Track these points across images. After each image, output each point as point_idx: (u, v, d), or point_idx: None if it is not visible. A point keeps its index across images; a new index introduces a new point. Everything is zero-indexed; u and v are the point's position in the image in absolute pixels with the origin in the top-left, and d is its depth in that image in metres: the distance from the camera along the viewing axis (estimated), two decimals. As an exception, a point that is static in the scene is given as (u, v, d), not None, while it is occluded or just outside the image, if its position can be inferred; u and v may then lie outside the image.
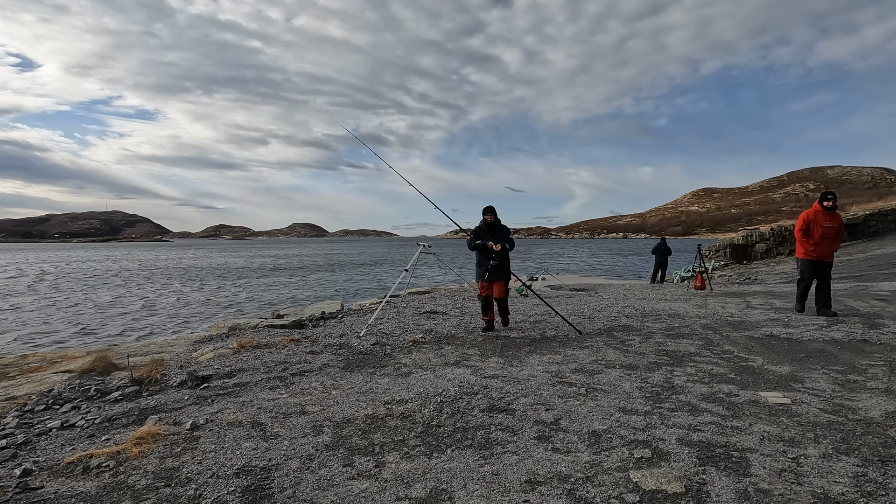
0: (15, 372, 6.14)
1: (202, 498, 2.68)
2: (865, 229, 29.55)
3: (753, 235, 30.44)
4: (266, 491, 2.75)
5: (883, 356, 5.58)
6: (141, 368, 5.35)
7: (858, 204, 35.85)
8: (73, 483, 2.89)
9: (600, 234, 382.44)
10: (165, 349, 7.21)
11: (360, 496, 2.69)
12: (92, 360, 5.89)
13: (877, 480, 2.77)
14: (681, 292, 13.47)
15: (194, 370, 5.21)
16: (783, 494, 2.63)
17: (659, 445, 3.26)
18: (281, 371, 5.35)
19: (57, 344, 14.05)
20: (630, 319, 8.54)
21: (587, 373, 5.10)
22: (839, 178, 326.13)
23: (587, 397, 4.29)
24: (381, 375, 5.13)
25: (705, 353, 5.94)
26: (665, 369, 5.19)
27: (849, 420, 3.68)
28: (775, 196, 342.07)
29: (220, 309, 21.40)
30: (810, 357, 5.63)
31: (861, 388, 4.46)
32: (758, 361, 5.47)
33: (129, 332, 16.11)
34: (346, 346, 6.59)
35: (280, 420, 3.83)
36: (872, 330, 7.04)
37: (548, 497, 2.65)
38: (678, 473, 2.87)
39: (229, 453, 3.23)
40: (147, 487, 2.81)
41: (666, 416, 3.79)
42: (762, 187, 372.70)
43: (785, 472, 2.87)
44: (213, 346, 6.87)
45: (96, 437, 3.61)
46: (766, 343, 6.43)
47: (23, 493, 2.77)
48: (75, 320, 18.16)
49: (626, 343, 6.58)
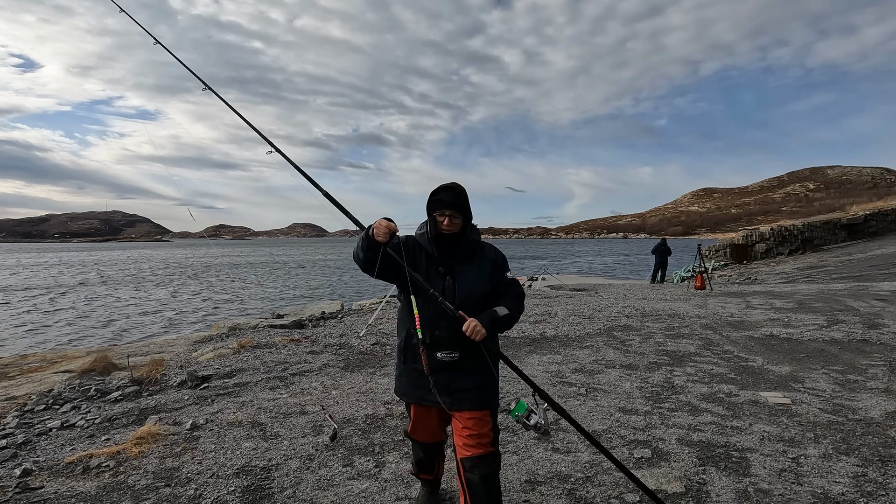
0: (15, 372, 6.14)
1: (202, 498, 2.68)
2: (865, 229, 29.56)
3: (753, 235, 30.44)
4: (266, 491, 2.75)
5: (883, 356, 5.58)
6: (141, 368, 5.35)
7: (858, 204, 35.84)
8: (73, 483, 2.89)
9: (600, 234, 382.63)
10: (165, 349, 7.21)
11: (361, 496, 2.69)
12: (92, 360, 5.89)
13: (877, 480, 2.77)
14: (681, 292, 13.47)
15: (194, 370, 5.21)
16: (783, 494, 2.63)
17: (659, 445, 3.26)
18: (281, 371, 5.35)
19: (148, 337, 13.99)
20: (630, 319, 8.54)
21: (587, 373, 5.10)
22: (839, 178, 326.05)
23: (587, 397, 4.29)
24: (381, 375, 5.13)
25: (705, 353, 5.94)
26: (665, 369, 5.19)
27: (849, 420, 3.68)
28: (775, 196, 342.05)
29: (231, 307, 21.40)
30: (810, 357, 5.63)
31: (861, 388, 4.46)
32: (758, 361, 5.47)
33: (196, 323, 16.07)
34: (346, 346, 6.59)
35: (280, 420, 3.83)
36: (872, 330, 7.04)
37: (548, 497, 2.65)
38: (678, 473, 2.87)
39: (229, 453, 3.23)
40: (147, 487, 2.81)
41: (666, 416, 3.79)
42: (762, 187, 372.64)
43: (785, 472, 2.87)
44: (213, 346, 6.87)
45: (96, 437, 3.61)
46: (766, 343, 6.43)
47: (23, 493, 2.77)
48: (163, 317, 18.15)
49: (626, 343, 6.58)
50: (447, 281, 2.12)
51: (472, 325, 1.98)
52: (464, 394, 2.10)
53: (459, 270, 2.16)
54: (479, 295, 2.14)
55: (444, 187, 2.12)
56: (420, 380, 2.10)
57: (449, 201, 2.08)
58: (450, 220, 2.08)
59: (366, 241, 2.03)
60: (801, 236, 28.68)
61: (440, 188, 2.13)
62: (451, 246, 2.15)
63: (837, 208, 40.36)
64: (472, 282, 2.15)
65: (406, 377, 2.21)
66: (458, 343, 2.06)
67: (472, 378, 2.12)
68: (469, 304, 2.09)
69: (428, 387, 2.04)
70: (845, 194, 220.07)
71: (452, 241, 2.14)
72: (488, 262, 2.21)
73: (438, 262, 2.15)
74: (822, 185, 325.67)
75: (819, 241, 28.54)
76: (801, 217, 45.95)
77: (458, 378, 2.11)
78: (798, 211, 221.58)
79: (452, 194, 2.09)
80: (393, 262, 2.07)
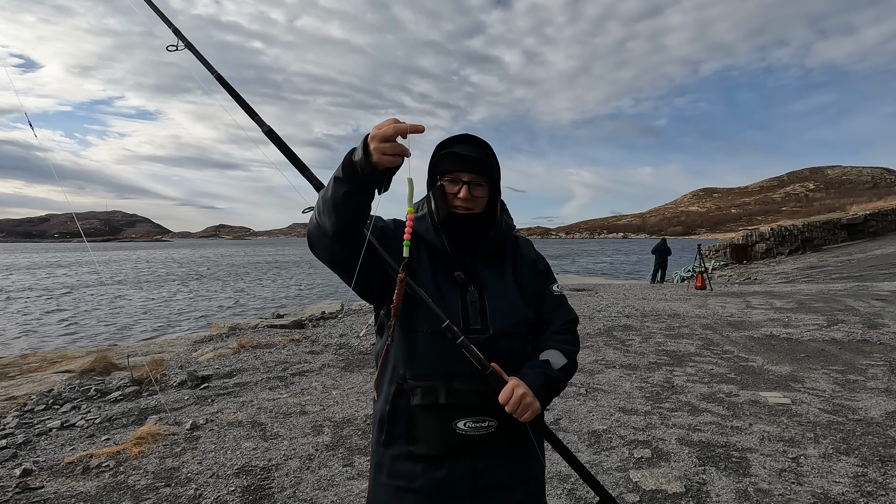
0: (15, 372, 6.14)
1: (202, 498, 2.68)
2: (865, 229, 29.57)
3: (753, 235, 30.44)
4: (266, 491, 2.75)
5: (883, 356, 5.58)
6: (141, 368, 5.35)
7: (858, 204, 35.85)
8: (73, 483, 2.89)
9: (600, 233, 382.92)
10: (165, 349, 7.22)
11: (361, 496, 2.69)
12: (92, 360, 5.89)
13: (877, 480, 2.77)
14: (681, 292, 13.47)
15: (194, 370, 5.21)
16: (783, 494, 2.63)
17: (659, 445, 3.26)
18: (281, 371, 5.35)
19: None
20: (630, 319, 8.54)
21: (587, 373, 5.10)
22: (839, 178, 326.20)
23: (587, 397, 4.29)
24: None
25: (705, 353, 5.94)
26: (665, 369, 5.19)
27: (849, 420, 3.68)
28: (775, 196, 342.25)
29: (238, 308, 21.41)
30: (810, 357, 5.63)
31: (861, 388, 4.46)
32: (758, 361, 5.47)
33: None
34: (346, 346, 6.60)
35: (280, 420, 3.83)
36: (872, 330, 7.04)
37: (548, 497, 2.65)
38: (678, 473, 2.87)
39: (229, 453, 3.23)
40: (147, 487, 2.81)
41: (666, 416, 3.79)
42: (762, 187, 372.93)
43: (785, 472, 2.87)
44: (213, 346, 6.87)
45: (96, 437, 3.61)
46: (766, 343, 6.43)
47: (23, 492, 2.77)
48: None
49: (626, 343, 6.58)
50: (470, 295, 1.23)
51: (520, 395, 1.12)
52: (502, 495, 1.21)
53: (487, 278, 1.27)
54: (519, 323, 1.27)
55: (458, 138, 1.27)
56: (418, 479, 1.17)
57: (469, 157, 1.22)
58: (469, 191, 1.21)
59: (347, 178, 1.00)
60: (801, 236, 28.70)
61: (452, 138, 1.27)
62: (472, 235, 1.27)
63: (837, 208, 40.37)
64: (509, 299, 1.27)
65: (391, 483, 1.21)
66: (493, 404, 1.15)
67: (512, 468, 1.23)
68: (503, 343, 1.22)
69: (431, 491, 1.17)
70: (845, 194, 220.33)
71: (473, 226, 1.26)
72: (528, 267, 1.35)
73: (452, 261, 1.27)
74: (822, 185, 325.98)
75: (819, 241, 28.56)
76: (801, 217, 45.96)
77: (493, 466, 1.20)
78: (798, 211, 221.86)
79: (473, 147, 1.24)
80: (377, 258, 1.18)
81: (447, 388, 1.18)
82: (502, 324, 1.23)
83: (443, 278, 1.25)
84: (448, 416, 1.18)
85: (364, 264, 1.10)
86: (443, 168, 1.25)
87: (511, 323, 1.26)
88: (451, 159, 1.24)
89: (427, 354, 1.20)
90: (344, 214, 1.03)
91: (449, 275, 1.26)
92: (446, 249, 1.26)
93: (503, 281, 1.30)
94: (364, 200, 1.04)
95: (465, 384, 1.18)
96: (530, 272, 1.35)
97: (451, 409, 1.18)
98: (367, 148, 0.97)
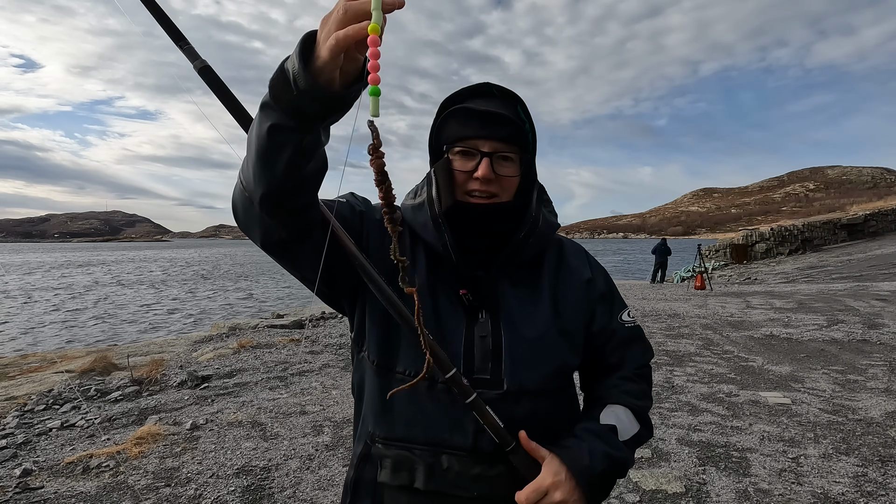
0: (15, 372, 6.14)
1: (202, 498, 2.68)
2: (865, 229, 29.59)
3: (753, 235, 30.46)
4: (266, 491, 2.75)
5: (883, 356, 5.58)
6: (141, 368, 5.35)
7: (858, 204, 35.88)
8: (73, 483, 2.89)
9: (600, 234, 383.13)
10: (165, 349, 7.22)
11: (360, 496, 2.69)
12: (92, 360, 5.90)
13: (877, 480, 2.77)
14: (681, 292, 13.47)
15: (194, 370, 5.21)
16: (783, 494, 2.63)
17: (659, 445, 3.26)
18: (281, 371, 5.35)
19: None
20: (630, 319, 8.54)
21: (587, 373, 5.10)
22: (839, 178, 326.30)
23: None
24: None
25: (705, 352, 5.94)
26: (665, 369, 5.19)
27: (849, 420, 3.68)
28: (775, 196, 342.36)
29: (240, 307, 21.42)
30: (810, 357, 5.63)
31: (861, 388, 4.46)
32: (758, 361, 5.47)
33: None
34: (346, 346, 6.59)
35: (280, 420, 3.83)
36: (872, 330, 7.04)
37: None
38: (678, 473, 2.87)
39: (229, 453, 3.23)
40: (147, 487, 2.81)
41: (666, 416, 3.79)
42: (762, 187, 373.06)
43: (785, 472, 2.87)
44: (213, 346, 6.87)
45: (96, 437, 3.61)
46: (766, 343, 6.43)
47: (23, 492, 2.77)
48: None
49: (626, 343, 6.58)
50: (479, 327, 0.85)
51: (561, 495, 0.77)
52: None
53: (510, 301, 0.88)
54: (551, 376, 0.87)
55: (474, 88, 0.88)
56: None
57: (491, 116, 0.83)
58: (490, 168, 0.82)
59: (275, 100, 0.61)
60: (801, 236, 28.71)
61: (466, 89, 0.88)
62: (491, 236, 0.88)
63: (837, 208, 40.40)
64: (540, 335, 0.86)
65: None
66: (502, 496, 0.80)
67: None
68: (524, 405, 0.83)
69: None
70: (845, 194, 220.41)
71: (494, 222, 0.87)
72: (579, 288, 0.94)
73: (457, 274, 0.88)
74: (822, 185, 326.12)
75: (819, 241, 28.57)
76: (801, 217, 46.00)
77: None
78: (798, 211, 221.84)
79: (497, 103, 0.85)
80: (342, 251, 0.78)
81: (429, 467, 0.80)
82: (525, 376, 0.82)
83: (443, 298, 0.86)
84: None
85: (323, 256, 0.73)
86: (451, 133, 0.84)
87: (540, 376, 0.84)
88: (463, 119, 0.83)
89: (406, 410, 0.82)
90: (274, 165, 0.64)
91: (452, 293, 0.86)
92: (450, 255, 0.86)
93: (535, 307, 0.88)
94: (303, 141, 0.63)
95: (460, 463, 0.80)
96: (582, 295, 0.92)
97: (431, 499, 0.81)
98: (307, 46, 0.58)
